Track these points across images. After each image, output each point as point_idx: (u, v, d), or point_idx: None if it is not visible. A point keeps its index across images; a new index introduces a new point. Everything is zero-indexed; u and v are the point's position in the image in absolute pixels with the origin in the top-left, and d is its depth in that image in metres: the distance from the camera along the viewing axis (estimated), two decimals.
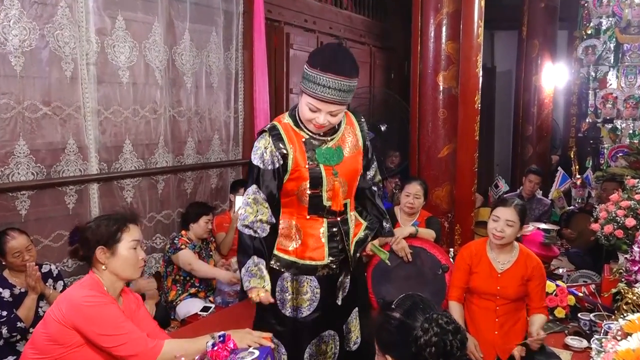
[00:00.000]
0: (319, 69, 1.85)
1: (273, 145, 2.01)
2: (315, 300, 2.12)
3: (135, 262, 1.95)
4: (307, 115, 1.96)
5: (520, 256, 2.68)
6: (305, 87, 1.91)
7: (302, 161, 2.03)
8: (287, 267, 2.10)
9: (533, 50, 7.02)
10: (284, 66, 5.07)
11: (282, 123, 2.07)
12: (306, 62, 1.91)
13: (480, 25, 4.00)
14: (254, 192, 2.04)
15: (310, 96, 1.91)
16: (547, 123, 7.18)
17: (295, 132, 2.05)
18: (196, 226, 3.64)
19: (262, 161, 2.02)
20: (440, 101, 4.05)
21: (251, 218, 2.03)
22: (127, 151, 3.60)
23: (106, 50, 3.41)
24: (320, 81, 1.86)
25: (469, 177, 4.11)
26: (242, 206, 2.06)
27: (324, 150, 2.06)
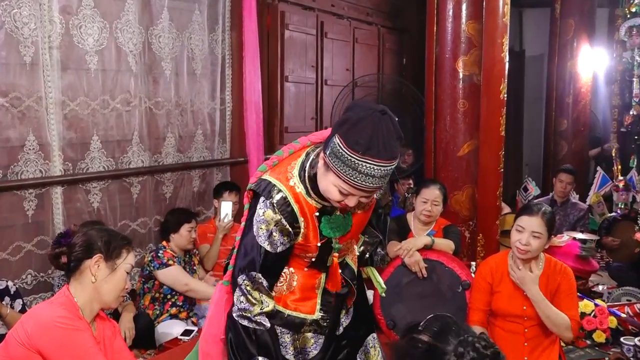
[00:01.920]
0: (359, 152, 1.63)
1: (285, 222, 1.86)
2: (321, 337, 2.10)
3: (122, 288, 2.00)
4: (334, 197, 1.77)
5: (547, 268, 2.68)
6: (335, 165, 1.69)
7: (313, 238, 1.93)
8: (271, 316, 1.98)
9: (568, 32, 7.03)
10: (278, 50, 5.08)
11: (293, 192, 1.87)
12: (337, 134, 1.68)
13: (507, 3, 4.00)
14: (257, 280, 1.90)
15: (343, 180, 1.70)
16: (584, 116, 7.18)
17: (307, 204, 1.89)
18: (177, 236, 3.63)
19: (270, 242, 1.88)
20: (460, 90, 4.06)
21: (255, 311, 1.89)
22: (95, 149, 3.61)
23: (71, 32, 3.42)
24: (359, 168, 1.65)
25: (493, 179, 4.11)
26: (240, 295, 1.90)
27: (332, 220, 1.94)
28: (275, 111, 5.14)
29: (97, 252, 1.95)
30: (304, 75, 5.42)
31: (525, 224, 2.61)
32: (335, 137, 1.68)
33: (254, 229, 1.89)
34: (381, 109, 1.71)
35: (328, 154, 1.70)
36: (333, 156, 1.68)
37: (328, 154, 1.71)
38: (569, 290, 2.66)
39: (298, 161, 1.92)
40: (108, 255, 1.96)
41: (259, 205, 1.87)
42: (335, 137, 1.68)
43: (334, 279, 2.05)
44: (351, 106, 1.80)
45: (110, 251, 1.97)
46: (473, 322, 2.74)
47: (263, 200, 1.87)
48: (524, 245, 2.59)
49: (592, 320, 3.32)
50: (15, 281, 3.09)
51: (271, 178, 1.89)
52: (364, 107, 1.72)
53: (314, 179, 1.85)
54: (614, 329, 3.34)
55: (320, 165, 1.79)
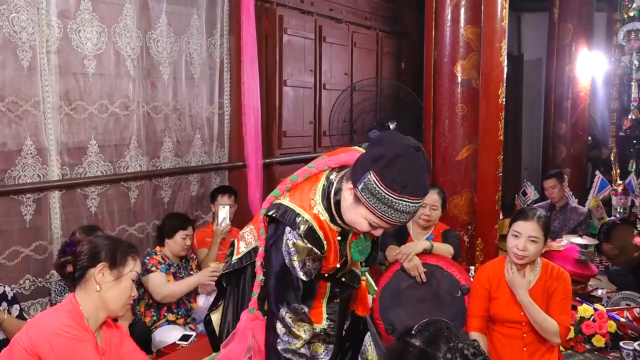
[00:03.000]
0: (397, 191, 1.66)
1: (316, 250, 1.87)
2: (331, 342, 2.12)
3: (128, 296, 2.01)
4: (363, 228, 1.80)
5: (543, 273, 2.69)
6: (369, 202, 1.70)
7: (333, 261, 1.95)
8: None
9: (566, 36, 7.05)
10: (277, 54, 5.09)
11: (317, 220, 1.87)
12: (373, 171, 1.68)
13: (505, 7, 4.01)
14: (300, 311, 1.89)
15: (376, 216, 1.72)
16: (582, 120, 7.20)
17: (330, 229, 1.90)
18: (172, 242, 3.63)
19: (306, 272, 1.87)
20: (459, 95, 4.07)
21: (299, 344, 1.87)
22: (92, 153, 3.61)
23: (70, 36, 3.42)
24: (396, 206, 1.68)
25: (492, 183, 4.12)
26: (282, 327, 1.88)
27: (359, 244, 1.97)
28: (273, 115, 5.14)
29: (102, 261, 1.95)
30: (302, 80, 5.43)
31: (522, 229, 2.62)
32: (370, 174, 1.68)
33: (285, 260, 1.86)
34: (415, 144, 1.72)
35: (361, 189, 1.70)
36: (368, 193, 1.69)
37: (361, 189, 1.70)
38: (564, 295, 2.66)
39: (319, 187, 1.90)
40: (113, 263, 1.96)
41: (286, 235, 1.85)
42: (370, 173, 1.68)
43: (364, 303, 2.11)
44: (383, 139, 1.81)
45: (116, 259, 1.97)
46: (472, 329, 2.74)
47: (290, 230, 1.84)
48: (522, 250, 2.60)
49: (591, 325, 3.33)
50: (12, 286, 3.08)
51: (293, 205, 1.87)
52: (399, 143, 1.73)
53: (338, 206, 1.86)
54: (613, 333, 3.34)
55: (348, 196, 1.79)
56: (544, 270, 2.70)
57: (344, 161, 1.92)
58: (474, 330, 2.73)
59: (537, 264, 2.70)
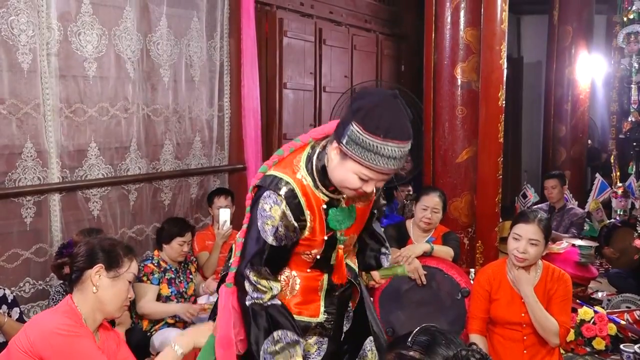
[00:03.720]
0: (380, 136, 1.68)
1: (292, 217, 1.87)
2: (324, 343, 2.11)
3: (124, 298, 2.01)
4: (353, 184, 1.79)
5: (544, 274, 2.69)
6: (354, 152, 1.71)
7: (320, 233, 1.94)
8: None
9: (566, 38, 7.06)
10: (277, 57, 5.10)
11: (300, 184, 1.89)
12: (354, 121, 1.71)
13: (505, 9, 4.03)
14: (262, 272, 1.92)
15: (364, 166, 1.73)
16: (582, 122, 7.22)
17: (314, 196, 1.91)
18: (168, 248, 3.58)
19: (276, 237, 1.88)
20: (459, 97, 4.08)
21: (267, 298, 1.92)
22: (92, 156, 3.61)
23: (70, 39, 3.43)
24: (382, 151, 1.69)
25: (492, 185, 4.13)
26: (249, 286, 1.93)
27: (338, 212, 1.95)
28: (273, 118, 5.15)
29: (98, 262, 1.95)
30: (302, 82, 5.44)
31: (522, 231, 2.62)
32: (353, 124, 1.71)
33: (258, 223, 1.89)
34: (392, 92, 1.77)
35: (345, 142, 1.72)
36: (353, 144, 1.71)
37: (346, 143, 1.72)
38: (564, 296, 2.67)
39: (303, 155, 1.94)
40: (109, 265, 1.96)
41: (265, 200, 1.88)
42: (352, 124, 1.71)
43: (339, 271, 2.05)
44: (361, 93, 1.86)
45: (112, 261, 1.97)
46: (472, 331, 2.74)
47: (269, 194, 1.87)
48: (522, 253, 2.60)
49: (591, 328, 3.33)
50: (12, 289, 3.08)
51: (277, 172, 1.91)
52: (376, 93, 1.81)
53: (323, 171, 1.88)
54: (614, 336, 3.35)
55: (334, 156, 1.80)
56: (545, 272, 2.70)
57: (327, 131, 1.94)
58: (474, 332, 2.74)
59: (538, 266, 2.71)
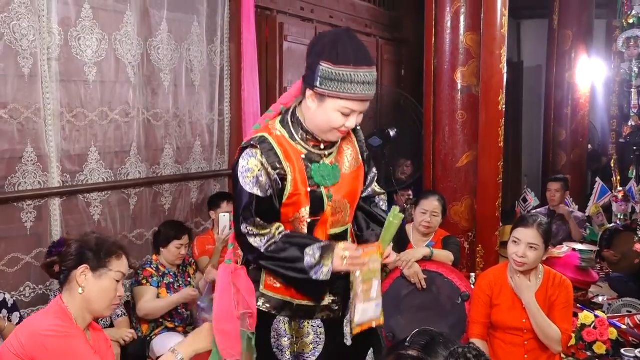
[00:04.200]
0: (350, 65, 1.80)
1: (270, 166, 1.91)
2: (320, 343, 2.07)
3: (112, 297, 1.98)
4: (336, 122, 1.88)
5: (546, 280, 2.70)
6: (331, 88, 1.82)
7: (302, 184, 1.94)
8: (280, 308, 2.03)
9: (566, 43, 7.08)
10: (277, 61, 5.10)
11: (273, 135, 1.95)
12: (322, 61, 1.82)
13: (505, 14, 4.03)
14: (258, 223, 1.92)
15: (344, 99, 1.83)
16: (582, 127, 7.22)
17: (291, 147, 1.95)
18: (166, 252, 3.59)
19: (260, 187, 1.90)
20: (459, 102, 4.08)
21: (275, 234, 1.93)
22: (93, 160, 3.62)
23: (70, 44, 3.44)
24: (356, 78, 1.81)
25: (492, 189, 4.13)
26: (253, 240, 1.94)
27: (321, 167, 1.98)
28: None
29: (84, 262, 1.94)
30: None
31: (521, 235, 2.62)
32: (321, 64, 1.82)
33: (240, 180, 1.92)
34: (345, 28, 1.96)
35: (319, 84, 1.83)
36: (327, 81, 1.82)
37: (320, 84, 1.83)
38: (566, 303, 2.67)
39: (277, 119, 2.03)
40: (96, 264, 1.94)
41: (242, 158, 1.93)
42: (320, 65, 1.82)
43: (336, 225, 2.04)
44: (317, 38, 1.98)
45: (98, 260, 1.95)
46: (473, 336, 2.74)
47: (245, 152, 1.94)
48: (521, 257, 2.60)
49: (592, 332, 3.32)
50: (12, 294, 3.08)
51: (252, 135, 2.00)
52: (330, 33, 1.95)
53: (299, 123, 1.96)
54: (615, 340, 3.34)
55: (311, 103, 1.90)
56: (546, 278, 2.70)
57: (293, 94, 2.04)
58: (475, 336, 2.73)
59: (539, 271, 2.71)
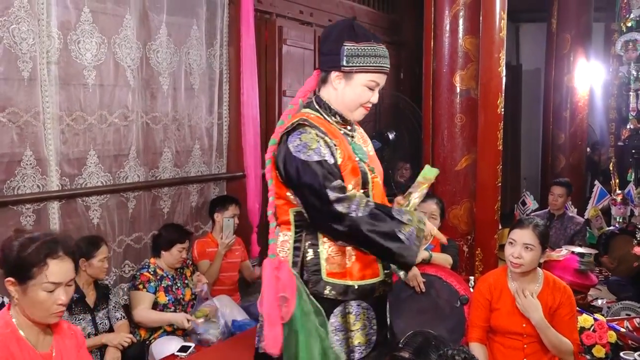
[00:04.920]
0: (372, 40, 2.02)
1: (322, 135, 1.99)
2: (373, 334, 2.09)
3: (48, 306, 1.83)
4: (364, 97, 2.06)
5: (546, 285, 2.70)
6: (359, 64, 2.01)
7: (351, 155, 2.05)
8: (344, 293, 2.02)
9: (564, 46, 7.08)
10: (276, 65, 5.11)
11: (311, 117, 2.05)
12: (345, 42, 2.00)
13: (503, 17, 4.04)
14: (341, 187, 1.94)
15: (371, 72, 2.03)
16: (581, 130, 7.22)
17: (330, 125, 2.08)
18: (168, 255, 3.61)
19: (326, 153, 1.96)
20: (458, 105, 4.09)
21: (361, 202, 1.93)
22: (92, 164, 3.62)
23: (70, 47, 3.44)
24: (379, 52, 2.02)
25: (491, 193, 4.12)
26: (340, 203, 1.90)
27: (353, 144, 2.10)
28: (273, 126, 5.09)
29: (8, 275, 1.82)
30: None
31: (517, 236, 2.65)
32: (345, 45, 2.00)
33: (303, 158, 1.93)
34: (351, 17, 2.18)
35: (346, 62, 2.00)
36: (353, 58, 2.00)
37: (346, 62, 2.00)
38: (571, 312, 2.67)
39: (302, 110, 2.12)
40: (19, 278, 1.81)
41: (293, 140, 1.97)
42: (344, 46, 2.00)
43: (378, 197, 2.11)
44: (329, 29, 2.16)
45: (20, 273, 1.80)
46: (473, 339, 2.74)
47: (293, 135, 1.98)
48: (517, 258, 2.61)
49: (591, 335, 3.32)
50: None
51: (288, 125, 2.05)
52: (340, 22, 2.17)
53: (326, 106, 2.09)
54: (614, 343, 3.33)
55: (337, 84, 2.06)
56: (546, 282, 2.71)
57: (308, 88, 2.18)
58: (474, 340, 2.74)
59: (538, 275, 2.71)
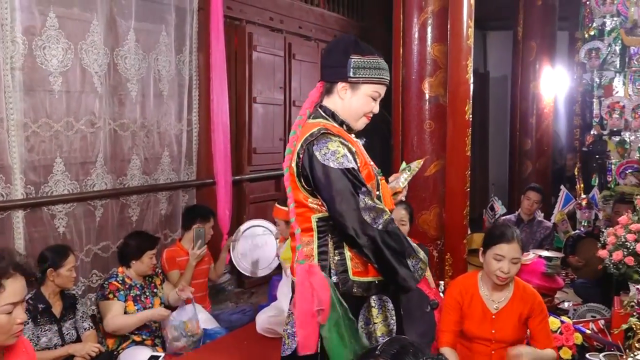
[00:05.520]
0: (375, 54, 2.17)
1: (345, 142, 2.10)
2: (393, 325, 2.19)
3: (8, 328, 1.80)
4: (367, 107, 2.19)
5: (516, 291, 2.72)
6: (365, 76, 2.14)
7: (367, 158, 2.20)
8: (367, 289, 2.12)
9: (530, 54, 7.22)
10: (246, 71, 5.10)
11: (328, 126, 2.14)
12: (351, 56, 2.13)
13: (471, 25, 4.10)
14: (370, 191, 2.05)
15: (375, 83, 2.17)
16: (547, 136, 7.36)
17: (343, 132, 2.19)
18: (138, 263, 3.52)
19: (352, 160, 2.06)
20: (426, 111, 4.12)
21: (388, 213, 2.05)
22: (58, 171, 3.56)
23: (35, 53, 3.38)
24: (381, 65, 2.18)
25: (460, 198, 4.17)
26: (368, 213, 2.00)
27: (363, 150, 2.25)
28: (243, 132, 5.14)
29: None
30: (272, 97, 5.45)
31: (505, 252, 2.62)
32: (352, 58, 2.13)
33: (332, 166, 2.02)
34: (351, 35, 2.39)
35: (352, 74, 2.13)
36: (359, 69, 2.13)
37: (353, 74, 2.13)
38: (544, 318, 2.71)
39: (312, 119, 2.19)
40: None
41: (320, 148, 2.04)
42: (351, 59, 2.13)
43: (386, 197, 2.23)
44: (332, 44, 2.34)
45: None
46: (443, 344, 2.74)
47: (319, 143, 2.05)
48: (506, 273, 2.60)
49: (558, 337, 3.37)
50: None
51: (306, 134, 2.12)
52: (342, 37, 2.41)
53: (333, 115, 2.18)
54: (580, 345, 3.39)
55: (344, 95, 2.17)
56: (517, 288, 2.72)
57: (312, 100, 2.25)
58: (445, 345, 2.74)
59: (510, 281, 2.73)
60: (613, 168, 5.71)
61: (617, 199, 4.96)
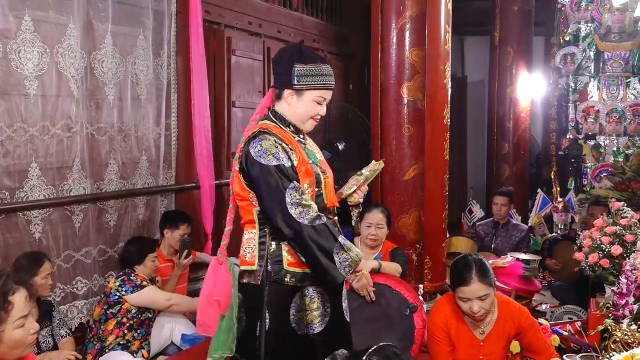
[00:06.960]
0: (318, 62, 2.30)
1: (280, 142, 2.24)
2: (327, 315, 2.32)
3: (24, 341, 1.82)
4: (313, 111, 2.32)
5: (501, 310, 2.67)
6: (308, 83, 2.27)
7: (305, 157, 2.31)
8: (303, 280, 2.28)
9: (507, 59, 7.32)
10: (225, 76, 5.08)
11: (269, 127, 2.29)
12: (295, 65, 2.26)
13: (448, 31, 4.15)
14: (299, 187, 2.20)
15: (319, 89, 2.29)
16: (524, 140, 7.46)
17: (286, 133, 2.33)
18: (142, 268, 3.57)
19: (283, 158, 2.21)
20: (405, 116, 4.15)
21: (314, 210, 2.18)
22: (34, 177, 3.51)
23: (10, 57, 3.34)
24: (323, 72, 2.29)
25: (439, 202, 4.21)
26: (295, 208, 2.15)
27: (307, 150, 2.37)
28: (222, 137, 5.12)
29: None
30: (251, 101, 5.43)
31: (468, 294, 2.53)
32: (295, 67, 2.26)
33: (263, 162, 2.18)
34: (299, 42, 2.51)
35: (297, 81, 2.26)
36: (303, 77, 2.26)
37: (297, 81, 2.26)
38: (536, 331, 2.70)
39: (263, 121, 2.35)
40: None
41: (254, 147, 2.21)
42: (295, 68, 2.26)
43: (329, 196, 2.36)
44: (280, 53, 2.40)
45: None
46: None
47: (254, 142, 2.22)
48: (479, 310, 2.54)
49: None
50: None
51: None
52: (289, 46, 2.52)
53: (281, 118, 2.33)
54: (557, 347, 3.43)
55: (290, 100, 2.30)
56: (501, 307, 2.68)
57: (264, 105, 2.42)
58: None
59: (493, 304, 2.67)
60: (589, 172, 5.82)
61: (593, 202, 5.04)
